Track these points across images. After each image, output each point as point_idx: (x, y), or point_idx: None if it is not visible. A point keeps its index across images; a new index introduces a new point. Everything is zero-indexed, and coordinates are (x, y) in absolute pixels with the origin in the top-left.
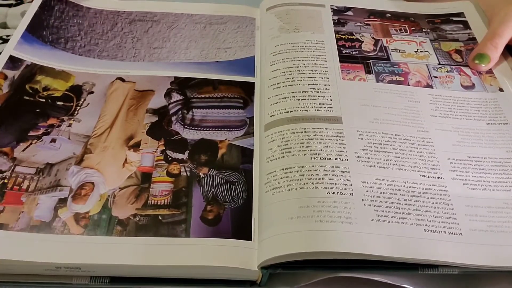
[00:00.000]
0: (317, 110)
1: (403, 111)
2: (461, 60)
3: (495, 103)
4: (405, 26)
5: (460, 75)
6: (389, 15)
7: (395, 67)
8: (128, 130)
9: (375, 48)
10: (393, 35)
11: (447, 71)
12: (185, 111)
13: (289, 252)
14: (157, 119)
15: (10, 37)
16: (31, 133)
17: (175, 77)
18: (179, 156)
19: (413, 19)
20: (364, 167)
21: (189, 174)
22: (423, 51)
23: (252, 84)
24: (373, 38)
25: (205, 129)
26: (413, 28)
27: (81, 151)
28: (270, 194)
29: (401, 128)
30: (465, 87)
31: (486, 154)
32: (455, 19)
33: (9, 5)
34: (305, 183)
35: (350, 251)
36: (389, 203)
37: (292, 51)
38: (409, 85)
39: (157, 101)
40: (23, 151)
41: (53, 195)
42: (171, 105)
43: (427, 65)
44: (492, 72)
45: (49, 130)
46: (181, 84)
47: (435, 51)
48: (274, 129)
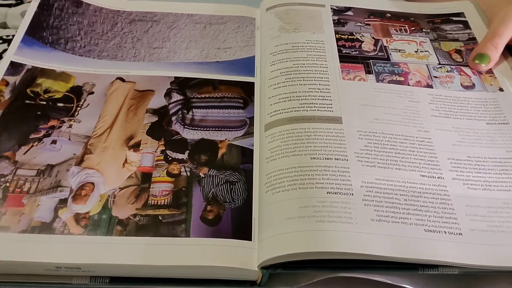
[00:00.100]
0: (317, 110)
1: (403, 111)
2: (461, 60)
3: (495, 103)
4: (405, 26)
5: (460, 75)
6: (389, 15)
7: (395, 67)
8: (128, 130)
9: (375, 48)
10: (393, 35)
11: (447, 71)
12: (185, 111)
13: (289, 252)
14: (157, 119)
15: (10, 37)
16: (32, 136)
17: (175, 77)
18: (179, 156)
19: (413, 19)
20: (364, 167)
21: (189, 174)
22: (423, 51)
23: (252, 84)
24: (373, 38)
25: (205, 129)
26: (413, 28)
27: (81, 152)
28: (270, 194)
29: (401, 128)
30: (465, 87)
31: (486, 154)
32: (455, 19)
33: (9, 5)
34: (305, 183)
35: (350, 251)
36: (389, 203)
37: (292, 51)
38: (409, 85)
39: (157, 101)
40: (24, 154)
41: (53, 196)
42: (171, 105)
43: (427, 65)
44: (492, 72)
45: (50, 131)
46: (181, 84)
47: (435, 51)
48: (274, 129)
